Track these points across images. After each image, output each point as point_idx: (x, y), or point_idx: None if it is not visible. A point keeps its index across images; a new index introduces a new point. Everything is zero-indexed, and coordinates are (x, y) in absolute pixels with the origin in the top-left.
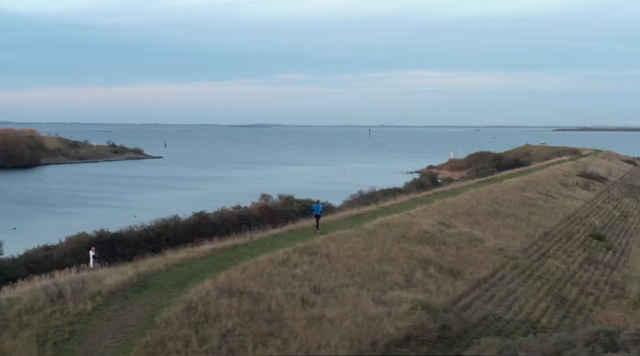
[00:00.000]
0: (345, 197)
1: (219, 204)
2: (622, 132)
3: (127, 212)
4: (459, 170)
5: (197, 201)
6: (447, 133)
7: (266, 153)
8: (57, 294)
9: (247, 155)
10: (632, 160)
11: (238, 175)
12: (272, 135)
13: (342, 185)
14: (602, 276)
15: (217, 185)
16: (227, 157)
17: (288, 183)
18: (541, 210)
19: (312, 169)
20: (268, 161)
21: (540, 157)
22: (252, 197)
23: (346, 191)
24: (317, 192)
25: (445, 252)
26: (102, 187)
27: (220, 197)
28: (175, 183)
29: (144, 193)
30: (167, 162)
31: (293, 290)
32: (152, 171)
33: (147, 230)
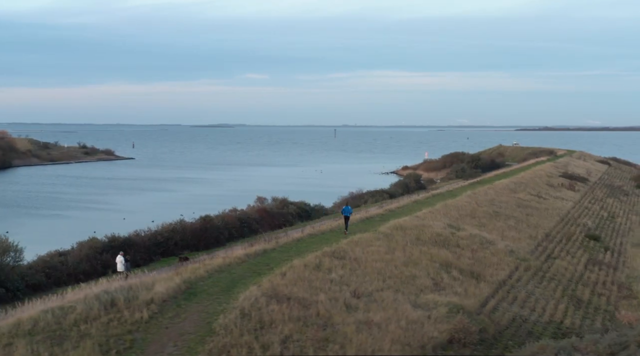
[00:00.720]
0: (328, 198)
1: (204, 206)
2: (583, 132)
3: (114, 214)
4: (435, 171)
5: (181, 203)
6: (411, 133)
7: (236, 154)
8: (110, 302)
9: (218, 156)
10: (605, 161)
11: (215, 176)
12: (236, 135)
13: (322, 186)
14: (607, 277)
15: (198, 187)
16: (198, 158)
17: (267, 184)
18: (537, 212)
19: (288, 170)
20: (240, 162)
21: (514, 157)
22: (235, 199)
23: (329, 192)
24: (299, 193)
25: (461, 255)
26: (81, 189)
27: (204, 199)
28: (155, 185)
29: (126, 195)
30: (139, 163)
31: (335, 295)
32: (127, 172)
33: (156, 234)
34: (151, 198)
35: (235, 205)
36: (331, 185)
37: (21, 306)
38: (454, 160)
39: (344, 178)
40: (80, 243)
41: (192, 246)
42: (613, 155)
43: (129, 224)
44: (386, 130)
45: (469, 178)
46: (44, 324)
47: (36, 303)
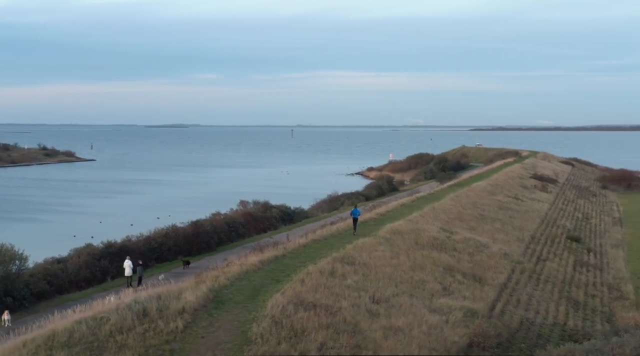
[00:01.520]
0: (303, 200)
1: (180, 209)
2: (536, 132)
3: (89, 218)
4: (401, 172)
5: (155, 206)
6: (366, 133)
7: (197, 155)
8: (142, 312)
9: (179, 158)
10: (568, 161)
11: (182, 178)
12: (193, 135)
13: (293, 188)
14: (595, 278)
15: (168, 189)
16: (159, 159)
17: (236, 186)
18: (518, 214)
19: (254, 171)
20: (204, 163)
21: (477, 158)
22: (209, 202)
23: (302, 194)
24: (273, 195)
25: (460, 259)
26: (49, 192)
27: (177, 201)
28: (122, 187)
29: (96, 198)
30: (100, 164)
31: (355, 301)
32: (91, 175)
33: (149, 239)
34: (123, 201)
35: (210, 208)
36: (301, 186)
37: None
38: (419, 161)
39: (311, 179)
40: (78, 250)
41: (184, 251)
42: (571, 155)
43: (106, 227)
44: (341, 130)
45: (443, 180)
46: (80, 335)
47: (66, 313)
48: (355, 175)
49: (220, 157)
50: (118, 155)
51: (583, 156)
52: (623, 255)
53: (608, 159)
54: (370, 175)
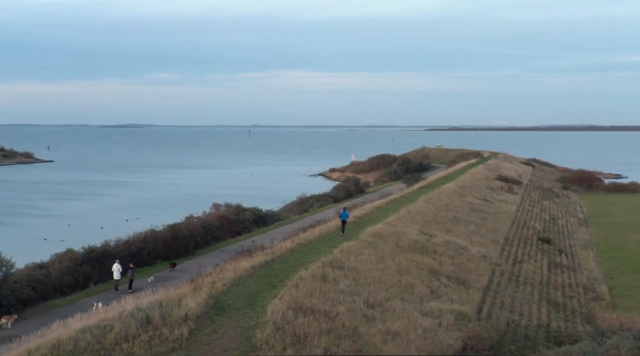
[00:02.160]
0: (270, 201)
1: (148, 211)
2: (490, 132)
3: (57, 221)
4: (363, 173)
5: (122, 208)
6: (323, 133)
7: (156, 156)
8: (145, 320)
9: (139, 158)
10: (528, 162)
11: (144, 179)
12: (149, 136)
13: (259, 189)
14: (570, 279)
15: (131, 190)
16: (119, 160)
17: (201, 188)
18: (490, 216)
19: (217, 173)
20: (165, 164)
21: (439, 159)
22: (174, 203)
23: (269, 196)
24: (240, 197)
25: (442, 262)
26: (10, 194)
27: (143, 203)
28: (85, 189)
29: (61, 200)
30: (59, 166)
31: (351, 306)
32: (51, 176)
33: (129, 244)
34: (89, 203)
35: (178, 210)
36: (267, 188)
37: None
38: (381, 162)
39: (275, 180)
40: (59, 255)
41: (163, 255)
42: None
43: (76, 231)
44: (298, 130)
45: (410, 182)
46: (85, 344)
47: (69, 321)
48: (317, 176)
49: (179, 157)
50: (76, 155)
51: (538, 156)
52: (593, 256)
53: (564, 159)
54: (332, 176)
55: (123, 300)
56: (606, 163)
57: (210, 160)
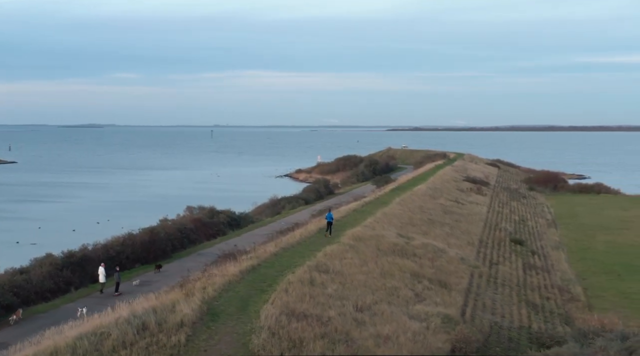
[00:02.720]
0: (240, 203)
1: (116, 213)
2: (451, 132)
3: (26, 223)
4: (330, 174)
5: (91, 210)
6: (286, 133)
7: (120, 156)
8: (141, 326)
9: (103, 159)
10: (494, 163)
11: (110, 180)
12: (111, 136)
13: (227, 191)
14: (545, 281)
15: (99, 192)
16: (83, 161)
17: (169, 189)
18: (462, 218)
19: (183, 173)
20: (130, 165)
21: (404, 160)
22: (143, 205)
23: (239, 198)
24: (208, 198)
25: (423, 264)
26: None
27: (111, 205)
28: (51, 190)
29: (28, 202)
30: (22, 167)
31: (341, 310)
32: (15, 178)
33: (107, 248)
34: (57, 205)
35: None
36: (236, 189)
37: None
38: (348, 163)
39: (243, 182)
40: (39, 260)
41: (142, 259)
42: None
43: (47, 233)
44: (260, 130)
45: (380, 183)
46: (83, 351)
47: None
48: (284, 177)
49: (143, 158)
50: (39, 156)
51: (500, 156)
52: (564, 257)
53: (525, 159)
54: (299, 177)
55: (114, 306)
56: (566, 164)
57: (175, 160)
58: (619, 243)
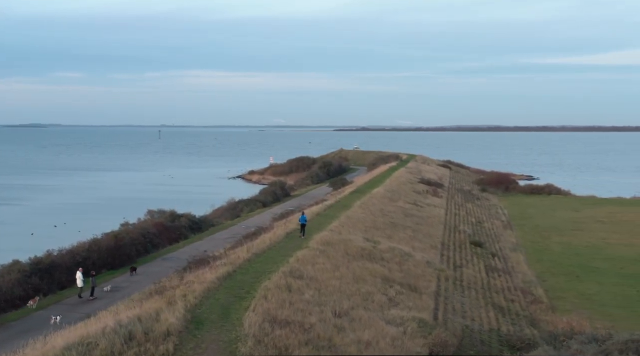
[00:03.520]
0: (198, 206)
1: (72, 216)
2: (397, 132)
3: None
4: (283, 175)
5: (45, 213)
6: (233, 133)
7: (66, 157)
8: (128, 336)
9: (49, 160)
10: (445, 164)
11: (61, 182)
12: (55, 136)
13: (182, 192)
14: (507, 283)
15: (51, 195)
16: (28, 162)
17: (123, 191)
18: (423, 220)
19: (135, 175)
20: (79, 166)
21: (356, 161)
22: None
23: (194, 199)
24: (165, 201)
25: (391, 268)
26: None
27: (65, 207)
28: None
29: None
30: None
31: (321, 316)
32: None
33: (73, 253)
34: (9, 208)
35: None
36: (191, 191)
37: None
38: (300, 164)
39: (197, 183)
40: (6, 267)
41: (108, 264)
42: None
43: (4, 237)
44: (208, 130)
45: (336, 186)
46: None
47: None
48: (236, 179)
49: (91, 159)
50: None
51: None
52: (523, 259)
53: (472, 160)
54: (252, 178)
55: (87, 313)
56: (513, 165)
57: (124, 161)
58: (574, 245)
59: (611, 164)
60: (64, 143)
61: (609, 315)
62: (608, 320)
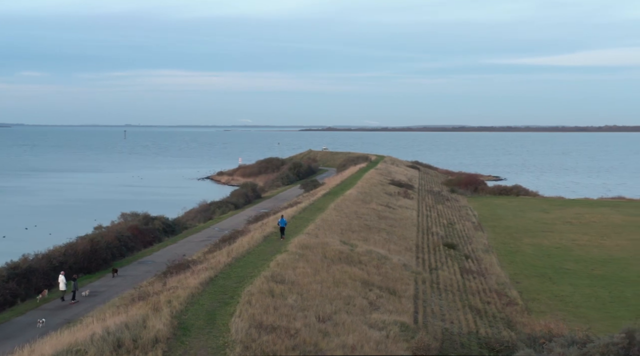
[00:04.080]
0: (169, 208)
1: (42, 219)
2: (364, 132)
3: None
4: (252, 177)
5: (14, 215)
6: (199, 133)
7: (30, 158)
8: (116, 343)
9: (13, 161)
10: (414, 165)
11: (29, 184)
12: (18, 136)
13: (152, 194)
14: (482, 285)
15: (18, 196)
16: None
17: (93, 193)
18: (396, 222)
19: (103, 176)
20: (47, 167)
21: (325, 162)
22: (69, 210)
23: (165, 201)
24: (137, 203)
25: (370, 272)
26: None
27: (34, 210)
28: None
29: None
30: None
31: (305, 321)
32: None
33: (50, 258)
34: None
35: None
36: (161, 193)
37: None
38: (269, 165)
39: (167, 185)
40: None
41: (84, 268)
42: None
43: None
44: (173, 130)
45: (308, 187)
46: None
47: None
48: (205, 180)
49: (58, 159)
50: None
51: (415, 157)
52: (496, 261)
53: (439, 160)
54: (221, 179)
55: (69, 319)
56: (479, 165)
57: (91, 162)
58: (545, 246)
59: (574, 165)
60: (28, 144)
61: (584, 317)
62: (583, 321)
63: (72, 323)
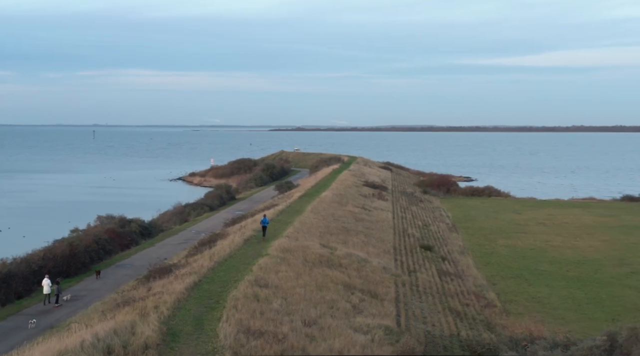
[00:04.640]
0: (144, 210)
1: (14, 220)
2: (333, 132)
3: None
4: (225, 178)
5: None
6: (168, 133)
7: (1, 158)
8: (107, 350)
9: None
10: (386, 166)
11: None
12: None
13: (125, 195)
14: (460, 287)
15: None
16: None
17: (65, 194)
18: (373, 225)
19: (74, 177)
20: (14, 168)
21: (297, 163)
22: (40, 211)
23: (139, 203)
24: (109, 204)
25: (350, 275)
26: None
27: (6, 212)
28: None
29: None
30: None
31: (292, 326)
32: None
33: (29, 262)
34: None
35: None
36: (134, 194)
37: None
38: (242, 166)
39: (139, 186)
40: None
41: (63, 272)
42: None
43: None
44: (142, 130)
45: (282, 189)
46: None
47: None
48: (177, 181)
49: (25, 160)
50: None
51: (386, 158)
52: (472, 262)
53: (409, 160)
54: (193, 180)
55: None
56: (449, 165)
57: (61, 163)
58: (520, 248)
59: (542, 165)
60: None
61: (562, 318)
62: (561, 323)
63: (55, 328)
